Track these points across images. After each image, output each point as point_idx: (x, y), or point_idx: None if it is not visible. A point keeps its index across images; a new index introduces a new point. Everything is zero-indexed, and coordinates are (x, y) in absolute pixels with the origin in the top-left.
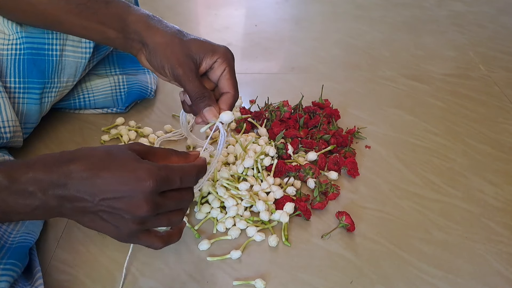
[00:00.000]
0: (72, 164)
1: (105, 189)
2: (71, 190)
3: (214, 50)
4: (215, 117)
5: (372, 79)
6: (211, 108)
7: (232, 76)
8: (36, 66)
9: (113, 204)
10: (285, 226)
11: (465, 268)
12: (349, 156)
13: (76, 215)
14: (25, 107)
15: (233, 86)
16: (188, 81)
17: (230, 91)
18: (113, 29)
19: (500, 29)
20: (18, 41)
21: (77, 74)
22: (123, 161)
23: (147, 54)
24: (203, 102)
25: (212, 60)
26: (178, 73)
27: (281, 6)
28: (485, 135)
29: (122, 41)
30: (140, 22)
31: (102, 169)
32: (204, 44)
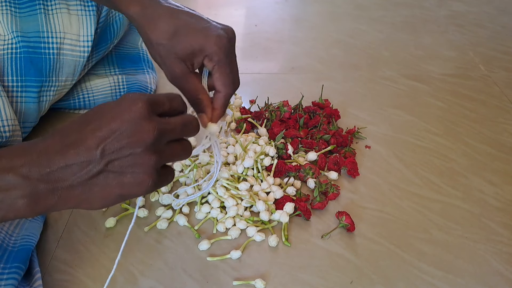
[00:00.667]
0: (48, 139)
1: (99, 136)
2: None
3: (202, 47)
4: (203, 125)
5: (372, 79)
6: (202, 115)
7: (223, 72)
8: (33, 64)
9: (114, 146)
10: (285, 226)
11: (465, 268)
12: (349, 156)
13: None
14: (23, 106)
15: (223, 83)
16: (182, 86)
17: (221, 90)
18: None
19: (500, 29)
20: (14, 40)
21: (76, 73)
22: (99, 108)
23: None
24: (195, 107)
25: (200, 58)
26: (170, 79)
27: (281, 6)
28: (485, 135)
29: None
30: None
31: (83, 123)
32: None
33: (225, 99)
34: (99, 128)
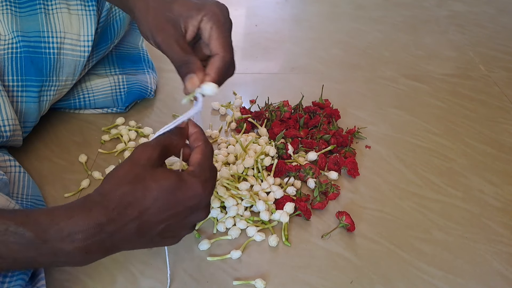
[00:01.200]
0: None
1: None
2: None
3: (199, 8)
4: (194, 86)
5: (372, 79)
6: (192, 76)
7: (221, 34)
8: (33, 64)
9: (175, 224)
10: (285, 226)
11: (465, 268)
12: (349, 156)
13: (129, 238)
14: (24, 105)
15: (222, 45)
16: (168, 48)
17: (219, 52)
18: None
19: (500, 29)
20: (14, 40)
21: (76, 72)
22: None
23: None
24: (184, 69)
25: (197, 20)
26: (157, 40)
27: (281, 6)
28: (485, 135)
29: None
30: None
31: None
32: (188, 3)
33: (223, 62)
34: (167, 212)
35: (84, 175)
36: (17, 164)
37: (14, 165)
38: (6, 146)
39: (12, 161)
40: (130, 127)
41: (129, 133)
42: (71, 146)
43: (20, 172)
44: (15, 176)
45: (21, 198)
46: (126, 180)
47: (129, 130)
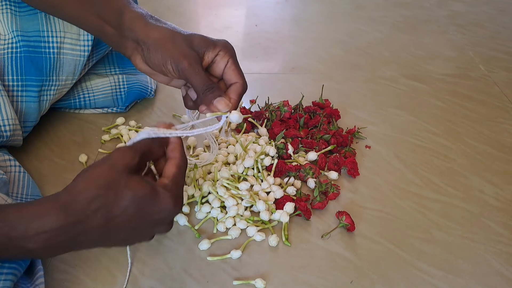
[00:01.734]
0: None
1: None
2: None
3: (215, 43)
4: (227, 106)
5: (372, 79)
6: (223, 99)
7: (238, 66)
8: (33, 64)
9: (139, 229)
10: (285, 226)
11: (465, 268)
12: (349, 156)
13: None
14: (24, 105)
15: (241, 75)
16: (195, 73)
17: (239, 80)
18: (109, 25)
19: (500, 29)
20: (14, 40)
21: (76, 72)
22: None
23: (144, 53)
24: (212, 93)
25: (214, 53)
26: (183, 66)
27: (281, 6)
28: (485, 135)
29: (117, 39)
30: (136, 20)
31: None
32: (204, 38)
33: (243, 89)
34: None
35: None
36: (17, 164)
37: (14, 165)
38: (6, 146)
39: (12, 160)
40: (130, 127)
41: (129, 133)
42: (71, 146)
43: (20, 172)
44: (15, 175)
45: (21, 197)
46: (99, 183)
47: (129, 130)
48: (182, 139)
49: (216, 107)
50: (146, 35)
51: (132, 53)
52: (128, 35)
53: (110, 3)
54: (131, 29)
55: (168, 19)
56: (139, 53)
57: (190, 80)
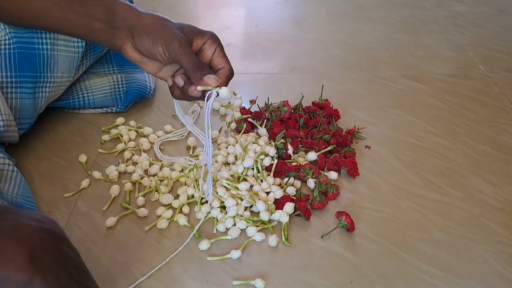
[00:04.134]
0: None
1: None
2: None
3: (203, 32)
4: (217, 82)
5: (372, 79)
6: (212, 75)
7: (225, 54)
8: (27, 60)
9: None
10: (285, 226)
11: (464, 268)
12: (349, 156)
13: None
14: (18, 101)
15: (228, 62)
16: (185, 53)
17: (226, 65)
18: (98, 21)
19: (500, 29)
20: (7, 36)
21: (72, 69)
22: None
23: (135, 39)
24: (202, 70)
25: (202, 41)
26: (174, 46)
27: (281, 6)
28: (485, 136)
29: (107, 32)
30: (128, 10)
31: None
32: (193, 26)
33: (230, 73)
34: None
35: (84, 175)
36: (11, 162)
37: (8, 163)
38: (3, 144)
39: (6, 159)
40: (130, 127)
41: (129, 133)
42: (71, 146)
43: (13, 171)
44: (7, 174)
45: (11, 195)
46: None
47: (129, 130)
48: (182, 139)
49: (206, 82)
50: (138, 21)
51: (123, 42)
52: (120, 25)
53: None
54: (124, 19)
55: None
56: (129, 40)
57: (181, 60)
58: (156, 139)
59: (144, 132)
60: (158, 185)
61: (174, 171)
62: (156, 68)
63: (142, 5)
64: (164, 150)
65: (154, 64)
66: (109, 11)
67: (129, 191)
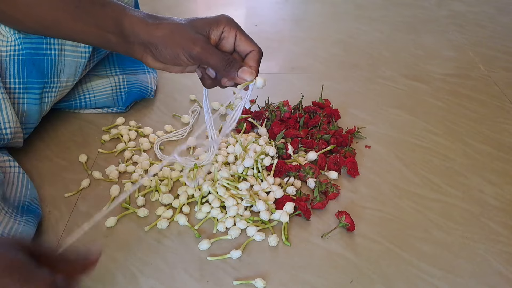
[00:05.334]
0: None
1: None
2: None
3: (217, 21)
4: (252, 75)
5: (372, 79)
6: (245, 68)
7: (247, 36)
8: (35, 66)
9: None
10: (285, 226)
11: (464, 268)
12: (349, 156)
13: None
14: (25, 107)
15: (254, 43)
16: (210, 54)
17: (254, 48)
18: (111, 33)
19: (500, 29)
20: (16, 42)
21: (77, 73)
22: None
23: (154, 52)
24: (233, 67)
25: (219, 31)
26: (196, 51)
27: (281, 6)
28: (485, 135)
29: (123, 45)
30: (136, 24)
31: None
32: (205, 19)
33: (259, 55)
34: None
35: (84, 175)
36: (16, 164)
37: (14, 166)
38: (6, 147)
39: (12, 161)
40: (130, 127)
41: (129, 133)
42: (71, 146)
43: (19, 173)
44: (14, 176)
45: (18, 198)
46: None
47: (129, 130)
48: (182, 139)
49: (242, 78)
50: (150, 36)
51: (142, 55)
52: (133, 40)
53: (106, 11)
54: (134, 34)
55: None
56: (148, 54)
57: (207, 62)
58: (156, 139)
59: (144, 132)
60: (158, 185)
61: (174, 171)
62: (181, 69)
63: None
64: (164, 150)
65: (179, 67)
66: (118, 24)
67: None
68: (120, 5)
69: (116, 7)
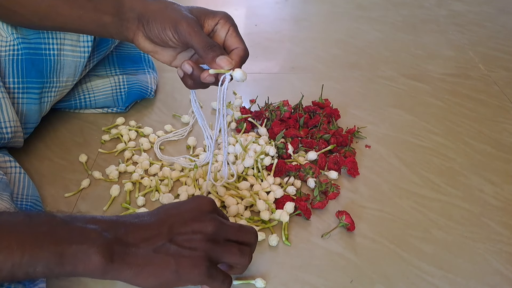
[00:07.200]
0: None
1: (170, 214)
2: (134, 228)
3: (215, 13)
4: (230, 64)
5: (372, 79)
6: (225, 57)
7: (239, 34)
8: (34, 66)
9: (180, 227)
10: (285, 226)
11: (465, 268)
12: (349, 156)
13: (142, 260)
14: (24, 107)
15: (242, 42)
16: (194, 33)
17: (240, 45)
18: (107, 14)
19: (500, 28)
20: (15, 42)
21: (77, 73)
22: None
23: (145, 27)
24: (214, 51)
25: (214, 22)
26: (182, 27)
27: (281, 6)
28: (485, 135)
29: (117, 24)
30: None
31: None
32: (202, 8)
33: (244, 53)
34: (171, 211)
35: (85, 175)
36: (17, 165)
37: (15, 166)
38: (6, 147)
39: (13, 161)
40: (130, 127)
41: (129, 133)
42: (71, 146)
43: (20, 173)
44: (15, 177)
45: (21, 199)
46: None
47: (129, 130)
48: (182, 139)
49: (218, 64)
50: (146, 8)
51: (135, 33)
52: (129, 16)
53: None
54: (132, 8)
55: None
56: (140, 30)
57: (190, 40)
58: (156, 139)
59: (144, 132)
60: (158, 185)
61: (174, 171)
62: (170, 56)
63: None
64: (164, 150)
65: (168, 53)
66: (117, 2)
67: (129, 191)
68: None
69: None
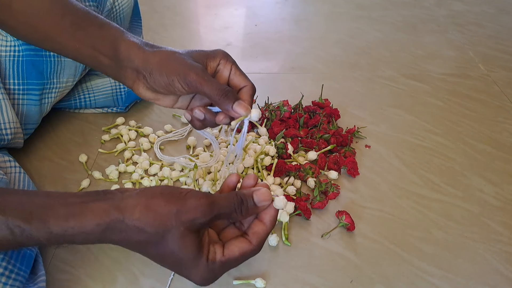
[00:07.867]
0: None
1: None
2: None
3: (214, 53)
4: (247, 110)
5: (372, 79)
6: (241, 102)
7: (242, 72)
8: (35, 67)
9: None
10: (285, 226)
11: (464, 267)
12: (349, 156)
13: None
14: (25, 108)
15: (247, 79)
16: (205, 82)
17: (247, 83)
18: (105, 56)
19: (500, 28)
20: (16, 43)
21: (77, 74)
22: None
23: (147, 79)
24: (229, 98)
25: (215, 63)
26: (192, 77)
27: (281, 6)
28: (485, 135)
29: (114, 69)
30: (132, 49)
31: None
32: (202, 51)
33: (252, 91)
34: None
35: (84, 174)
36: (17, 164)
37: (14, 166)
38: (6, 148)
39: (12, 161)
40: (130, 127)
41: (129, 133)
42: (71, 146)
43: (20, 173)
44: (15, 176)
45: None
46: (155, 222)
47: (129, 130)
48: (182, 138)
49: (237, 112)
50: (145, 61)
51: (134, 82)
52: (126, 65)
53: (103, 33)
54: (129, 59)
55: (168, 19)
56: (141, 81)
57: (202, 89)
58: (156, 139)
59: (144, 132)
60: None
61: (174, 171)
62: (172, 101)
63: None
64: (164, 150)
65: (169, 98)
66: (114, 47)
67: None
68: (118, 29)
69: (114, 31)
